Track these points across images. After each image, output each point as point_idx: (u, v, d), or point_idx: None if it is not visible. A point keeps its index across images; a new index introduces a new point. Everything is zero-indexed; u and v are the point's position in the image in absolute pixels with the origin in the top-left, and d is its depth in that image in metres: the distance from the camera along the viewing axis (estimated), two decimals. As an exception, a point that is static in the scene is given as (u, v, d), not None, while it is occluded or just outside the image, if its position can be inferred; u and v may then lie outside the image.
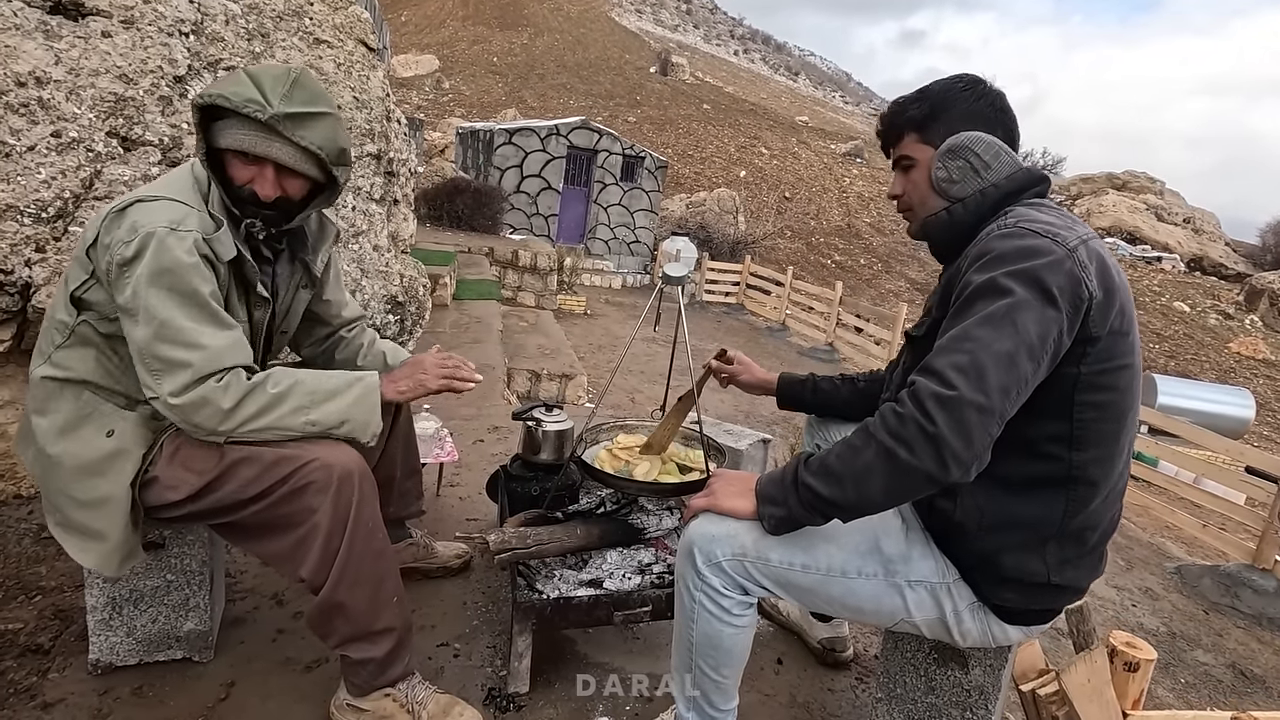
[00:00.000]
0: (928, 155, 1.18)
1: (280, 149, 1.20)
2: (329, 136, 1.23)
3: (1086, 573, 1.11)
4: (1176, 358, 16.01)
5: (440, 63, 31.75)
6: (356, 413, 1.26)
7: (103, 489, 1.22)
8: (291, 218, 1.30)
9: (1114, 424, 1.04)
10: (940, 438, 0.90)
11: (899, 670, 1.36)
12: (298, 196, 1.28)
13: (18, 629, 1.52)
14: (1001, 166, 1.12)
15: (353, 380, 1.28)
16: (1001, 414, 0.92)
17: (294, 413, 1.21)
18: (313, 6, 2.67)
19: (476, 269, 8.57)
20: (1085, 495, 1.05)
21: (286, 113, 1.17)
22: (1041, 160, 35.06)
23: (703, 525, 1.15)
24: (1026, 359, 0.93)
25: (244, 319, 1.30)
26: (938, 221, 1.18)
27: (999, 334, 0.93)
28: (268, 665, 1.50)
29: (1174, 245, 24.12)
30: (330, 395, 1.25)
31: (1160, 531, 5.80)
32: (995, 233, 1.04)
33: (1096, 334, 0.98)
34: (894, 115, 1.23)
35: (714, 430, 2.25)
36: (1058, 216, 1.05)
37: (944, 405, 0.91)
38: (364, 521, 1.23)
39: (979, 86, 1.18)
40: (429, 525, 2.12)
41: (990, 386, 0.91)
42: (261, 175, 1.22)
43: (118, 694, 1.37)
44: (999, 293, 0.95)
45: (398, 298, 2.87)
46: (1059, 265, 0.95)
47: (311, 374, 1.27)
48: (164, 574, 1.41)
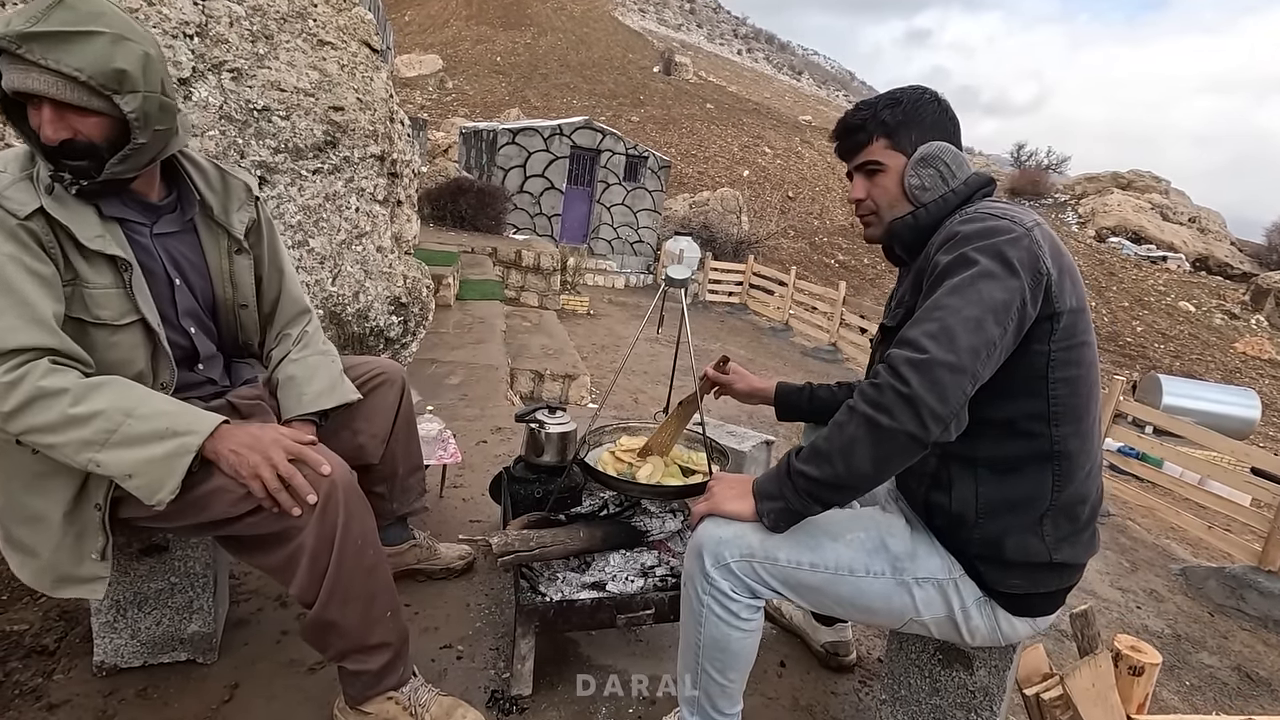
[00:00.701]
0: (898, 162, 1.22)
1: (39, 78, 1.02)
2: (94, 58, 1.03)
3: (1083, 549, 1.15)
4: (1182, 358, 15.95)
5: (444, 62, 31.78)
6: (150, 473, 1.05)
7: (34, 506, 1.14)
8: (103, 164, 1.10)
9: (1084, 399, 1.09)
10: (916, 397, 0.95)
11: (903, 672, 1.36)
12: (99, 138, 1.09)
13: (23, 630, 1.52)
14: (963, 173, 1.20)
15: (171, 432, 1.07)
16: (973, 373, 0.98)
17: (83, 447, 1.03)
18: (316, 8, 2.67)
19: (480, 269, 8.58)
20: (1069, 469, 1.10)
21: (27, 31, 0.99)
22: (1046, 159, 34.93)
23: (711, 528, 1.16)
24: (993, 323, 0.98)
25: (107, 283, 1.14)
26: (904, 225, 1.23)
27: (965, 300, 0.99)
28: (271, 666, 1.50)
29: (1179, 245, 24.02)
30: (131, 441, 1.04)
31: (1165, 533, 5.77)
32: (958, 219, 1.12)
33: (1060, 309, 1.04)
34: (864, 118, 1.25)
35: (717, 432, 2.25)
36: (1011, 208, 1.14)
37: (917, 368, 0.97)
38: (353, 539, 1.17)
39: (940, 98, 1.25)
40: (432, 526, 2.12)
41: (960, 347, 0.97)
42: (41, 116, 1.06)
43: (122, 695, 1.37)
44: (965, 264, 1.03)
45: (401, 299, 2.87)
46: (1019, 241, 1.03)
47: (132, 402, 1.07)
48: (168, 576, 1.42)
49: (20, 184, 1.07)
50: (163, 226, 1.27)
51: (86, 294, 1.13)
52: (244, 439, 1.12)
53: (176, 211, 1.29)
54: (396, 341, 2.91)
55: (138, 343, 1.19)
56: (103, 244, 1.13)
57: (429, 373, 4.21)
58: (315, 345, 1.48)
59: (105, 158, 1.10)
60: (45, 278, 1.07)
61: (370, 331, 2.77)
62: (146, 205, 1.25)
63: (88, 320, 1.13)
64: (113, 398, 1.06)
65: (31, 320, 1.03)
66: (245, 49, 2.38)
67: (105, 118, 1.09)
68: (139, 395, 1.10)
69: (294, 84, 2.49)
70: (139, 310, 1.18)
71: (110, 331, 1.16)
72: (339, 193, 2.64)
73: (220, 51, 2.30)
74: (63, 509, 1.13)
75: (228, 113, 2.32)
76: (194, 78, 2.21)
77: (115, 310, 1.16)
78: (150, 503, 1.06)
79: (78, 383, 1.05)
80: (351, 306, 2.68)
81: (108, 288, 1.15)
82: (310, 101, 2.53)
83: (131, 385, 1.12)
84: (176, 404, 1.14)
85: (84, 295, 1.13)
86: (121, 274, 1.16)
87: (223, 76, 2.31)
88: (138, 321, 1.18)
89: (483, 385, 4.15)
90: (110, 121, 1.10)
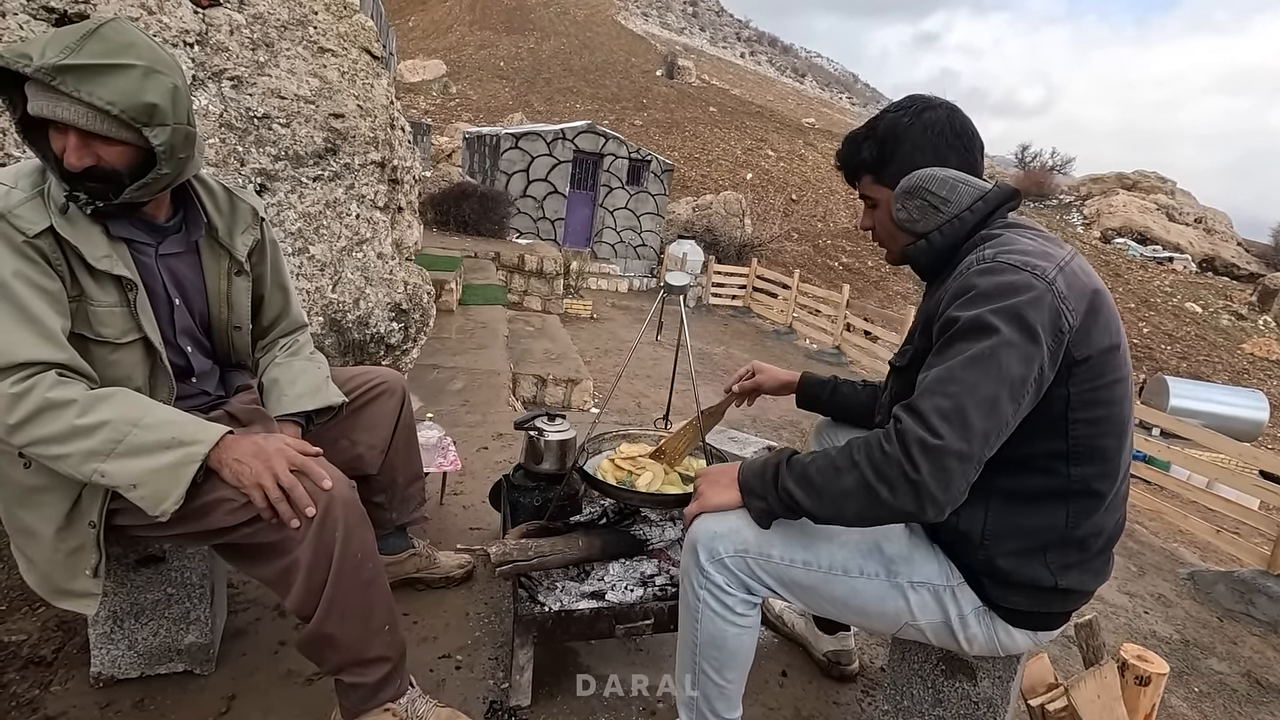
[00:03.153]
0: (886, 195, 1.20)
1: (69, 108, 1.03)
2: (126, 91, 1.04)
3: (1092, 577, 1.11)
4: (1188, 359, 15.87)
5: (447, 67, 31.91)
6: (155, 483, 1.05)
7: (26, 520, 1.15)
8: (122, 189, 1.12)
9: (1113, 438, 1.05)
10: (922, 484, 0.94)
11: (906, 682, 1.34)
12: (122, 165, 1.11)
13: (20, 641, 1.52)
14: (960, 198, 1.11)
15: (177, 442, 1.07)
16: (980, 459, 0.96)
17: (87, 457, 1.03)
18: (317, 15, 2.68)
19: (483, 274, 8.59)
20: (1088, 506, 1.06)
21: (62, 64, 1.00)
22: (1050, 160, 34.86)
23: (706, 523, 1.17)
24: (1009, 401, 0.95)
25: (112, 301, 1.15)
26: (917, 250, 1.18)
27: (984, 376, 0.94)
28: (269, 678, 1.49)
29: (1185, 245, 23.92)
30: (136, 451, 1.04)
31: (1172, 537, 5.73)
32: (975, 267, 1.03)
33: (1080, 356, 0.99)
34: (848, 158, 1.24)
35: (718, 437, 2.24)
36: (1035, 239, 1.06)
37: (928, 453, 0.93)
38: (351, 553, 1.16)
39: (924, 116, 1.16)
40: (432, 534, 2.11)
41: (973, 433, 0.93)
42: (66, 141, 1.07)
43: (119, 707, 1.37)
44: (982, 331, 0.96)
45: (401, 305, 2.87)
46: (1040, 301, 0.96)
47: (137, 413, 1.07)
48: (164, 587, 1.41)
49: (32, 202, 1.08)
50: (167, 247, 1.28)
51: (91, 311, 1.14)
52: (248, 448, 1.11)
53: (181, 232, 1.31)
54: (397, 348, 2.90)
55: (138, 360, 1.20)
56: (110, 264, 1.14)
57: (430, 379, 4.21)
58: (303, 353, 1.50)
59: (125, 184, 1.12)
60: (52, 294, 1.08)
61: (371, 338, 2.76)
62: (153, 226, 1.26)
63: (90, 337, 1.14)
64: (119, 408, 1.06)
65: (39, 335, 1.04)
66: (245, 57, 2.38)
67: (130, 147, 1.11)
68: (144, 405, 1.10)
69: (294, 91, 2.50)
70: (141, 329, 1.19)
71: (111, 349, 1.17)
72: (339, 200, 2.64)
73: (221, 59, 2.30)
74: (55, 525, 1.13)
75: (228, 120, 2.32)
76: (194, 86, 2.22)
77: (118, 328, 1.17)
78: (154, 513, 1.06)
79: (84, 394, 1.06)
80: (352, 313, 2.68)
81: (112, 306, 1.16)
82: (310, 109, 2.53)
83: (137, 396, 1.12)
84: (182, 414, 1.14)
85: (88, 312, 1.14)
86: (126, 293, 1.18)
87: (223, 84, 2.32)
88: (139, 340, 1.20)
89: (485, 391, 4.14)
90: (134, 151, 1.12)
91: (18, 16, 1.88)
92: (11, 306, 1.03)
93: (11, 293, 1.03)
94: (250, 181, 2.38)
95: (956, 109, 1.18)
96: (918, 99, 1.19)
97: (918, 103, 1.18)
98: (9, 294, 1.03)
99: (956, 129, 1.16)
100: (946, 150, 1.15)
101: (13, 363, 1.02)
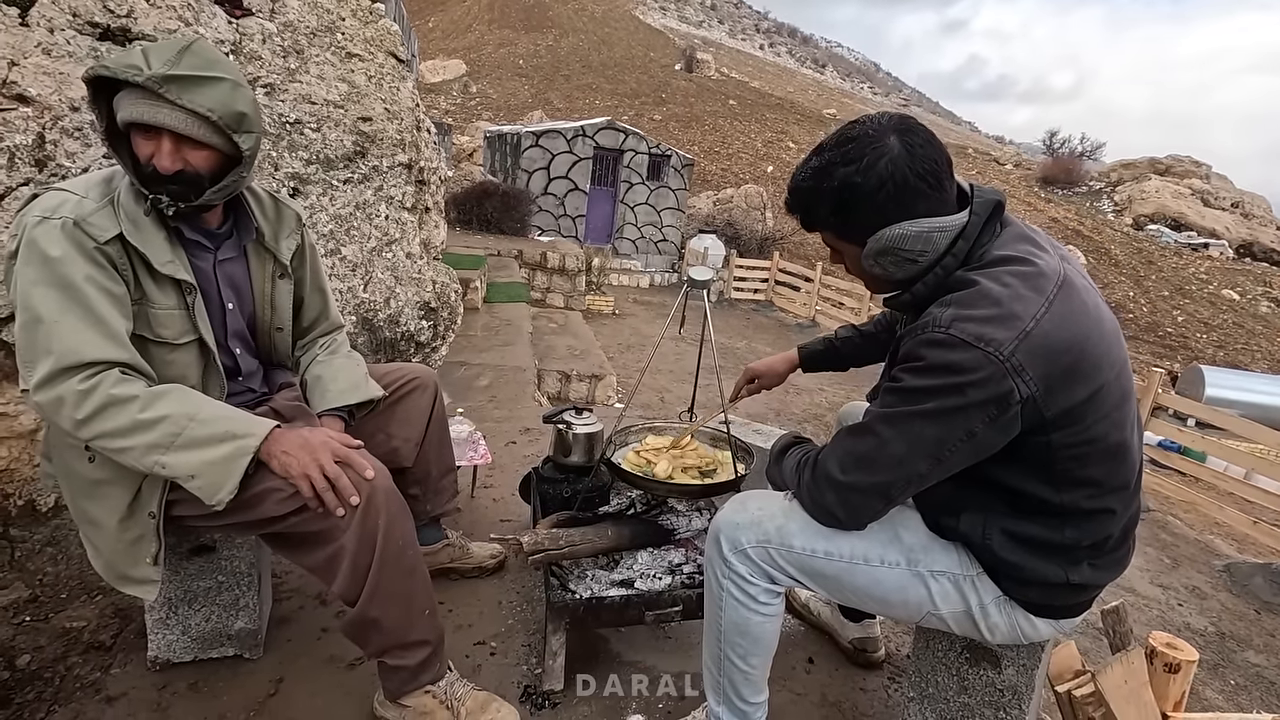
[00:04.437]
0: (852, 249, 1.11)
1: (170, 114, 1.12)
2: (222, 100, 1.15)
3: (1106, 571, 1.12)
4: (1225, 348, 15.45)
5: (467, 67, 32.14)
6: (211, 474, 1.11)
7: (91, 511, 1.22)
8: (203, 192, 1.21)
9: (1101, 466, 1.04)
10: (830, 511, 1.12)
11: (931, 670, 1.36)
12: (205, 170, 1.20)
13: (80, 627, 1.60)
14: (937, 244, 1.04)
15: (230, 435, 1.14)
16: (888, 495, 1.08)
17: (149, 450, 1.10)
18: (344, 22, 2.74)
19: (506, 272, 8.67)
20: (1086, 524, 1.07)
21: (168, 74, 1.10)
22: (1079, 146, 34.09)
23: (728, 514, 1.20)
24: (921, 458, 1.02)
25: (171, 304, 1.23)
26: (901, 304, 1.15)
27: (897, 434, 1.02)
28: (313, 662, 1.56)
29: (1221, 231, 23.24)
30: (194, 444, 1.11)
31: (1208, 528, 5.62)
32: (930, 332, 0.99)
33: (1052, 414, 0.97)
34: (802, 213, 1.14)
35: (743, 430, 2.26)
36: (1013, 280, 0.99)
37: (835, 489, 1.10)
38: (394, 540, 1.22)
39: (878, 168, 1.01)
40: (464, 526, 2.17)
41: (877, 480, 1.06)
42: (160, 147, 1.15)
43: (175, 689, 1.44)
44: (911, 397, 1.01)
45: (430, 304, 2.93)
46: (984, 382, 0.94)
47: (194, 408, 1.14)
48: (215, 575, 1.48)
49: (103, 210, 1.16)
50: (223, 252, 1.37)
51: (151, 314, 1.22)
52: (296, 441, 1.18)
53: (233, 238, 1.39)
54: (427, 345, 2.97)
55: (192, 360, 1.28)
56: (172, 269, 1.22)
57: (458, 375, 4.28)
58: (341, 352, 1.58)
59: (205, 187, 1.21)
60: (118, 297, 1.16)
61: (401, 336, 2.83)
62: (209, 233, 1.34)
63: (150, 338, 1.22)
64: (177, 404, 1.14)
65: (105, 336, 1.12)
66: (277, 64, 2.45)
67: (215, 152, 1.20)
68: (200, 401, 1.18)
69: (324, 96, 2.56)
70: (197, 330, 1.27)
71: (169, 349, 1.25)
72: (369, 201, 2.70)
73: (254, 68, 2.37)
74: (118, 516, 1.21)
75: (262, 127, 2.39)
76: (230, 94, 2.29)
77: (176, 330, 1.25)
78: (210, 502, 1.12)
79: (145, 391, 1.13)
80: (383, 312, 2.75)
81: (171, 309, 1.24)
82: (340, 113, 2.60)
83: (192, 393, 1.20)
84: (233, 410, 1.21)
85: (149, 315, 1.22)
86: (185, 297, 1.26)
87: (257, 92, 2.39)
88: (195, 341, 1.28)
89: (511, 387, 4.21)
90: (218, 156, 1.21)
91: (65, 32, 1.96)
92: (81, 308, 1.11)
93: (82, 295, 1.11)
94: (284, 185, 2.45)
95: (910, 134, 1.03)
96: (864, 141, 1.03)
97: (867, 150, 1.02)
98: (80, 297, 1.11)
99: (917, 171, 1.01)
100: (911, 200, 1.02)
101: (81, 361, 1.09)
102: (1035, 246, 1.06)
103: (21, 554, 1.80)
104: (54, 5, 1.98)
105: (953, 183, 1.08)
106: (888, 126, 1.04)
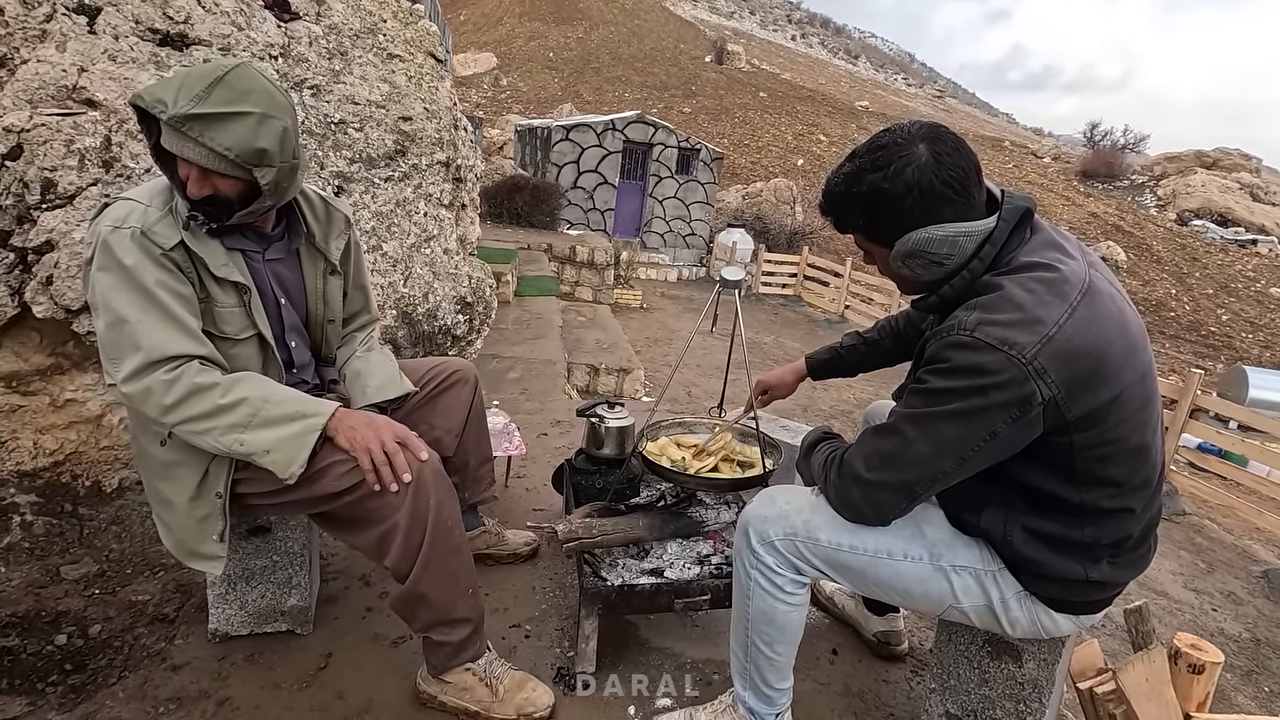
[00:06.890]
0: (882, 251, 1.15)
1: (193, 150, 1.18)
2: (242, 138, 1.18)
3: (1126, 570, 1.15)
4: (1273, 348, 14.94)
5: (498, 60, 32.32)
6: (284, 449, 1.22)
7: (164, 492, 1.32)
8: (233, 213, 1.28)
9: (1123, 466, 1.06)
10: (856, 508, 1.17)
11: (952, 662, 1.39)
12: (233, 194, 1.26)
13: (145, 600, 1.72)
14: (964, 249, 1.08)
15: (300, 414, 1.25)
16: (912, 493, 1.11)
17: (229, 430, 1.20)
18: (386, 23, 2.83)
19: (536, 265, 8.77)
20: (1107, 523, 1.10)
21: (190, 114, 1.15)
22: (1122, 138, 33.11)
23: (756, 507, 1.26)
24: (944, 458, 1.06)
25: (232, 303, 1.33)
26: (928, 306, 1.19)
27: (922, 434, 1.06)
28: (359, 640, 1.65)
29: (1271, 227, 22.41)
30: (269, 422, 1.22)
31: (1247, 534, 5.49)
32: (955, 334, 1.02)
33: (1075, 416, 1.00)
34: (834, 216, 1.18)
35: (771, 426, 2.30)
36: (1038, 287, 1.02)
37: (861, 486, 1.14)
38: (443, 520, 1.31)
39: (905, 175, 1.04)
40: (499, 515, 2.25)
41: (902, 478, 1.10)
42: (190, 173, 1.22)
43: (233, 659, 1.54)
44: (936, 398, 1.04)
45: (466, 298, 3.02)
46: (1007, 384, 0.98)
47: (267, 391, 1.26)
48: (270, 555, 1.58)
49: (165, 219, 1.25)
50: (272, 253, 1.46)
51: (215, 312, 1.32)
52: (359, 420, 1.30)
53: (284, 240, 1.48)
54: (463, 339, 3.05)
55: (253, 353, 1.38)
56: (228, 272, 1.32)
57: (491, 368, 4.38)
58: (375, 347, 1.68)
59: (236, 209, 1.29)
60: (186, 298, 1.26)
61: (439, 330, 2.92)
62: (261, 235, 1.43)
63: (215, 333, 1.32)
64: (252, 388, 1.25)
65: (183, 332, 1.23)
66: (323, 66, 2.55)
67: (241, 181, 1.26)
68: (271, 386, 1.29)
69: (366, 97, 2.65)
70: (256, 326, 1.37)
71: (232, 344, 1.35)
72: (408, 199, 2.79)
73: (301, 70, 2.47)
74: (187, 495, 1.31)
75: (308, 127, 2.49)
76: (280, 96, 2.38)
77: (237, 326, 1.35)
78: (284, 476, 1.23)
79: (224, 378, 1.24)
80: (421, 307, 2.84)
81: (232, 307, 1.34)
82: (381, 113, 2.68)
83: (263, 378, 1.31)
84: (300, 393, 1.33)
85: (213, 313, 1.32)
86: (242, 296, 1.35)
87: (304, 93, 2.49)
88: (254, 336, 1.38)
89: (541, 380, 4.29)
90: (246, 185, 1.27)
91: (128, 39, 2.07)
92: (158, 309, 1.21)
93: (157, 299, 1.21)
94: (329, 184, 2.55)
95: (939, 143, 1.06)
96: (893, 149, 1.06)
97: (895, 157, 1.05)
98: (155, 300, 1.21)
99: (944, 178, 1.04)
100: (938, 206, 1.06)
101: (164, 355, 1.20)
102: (1062, 253, 1.08)
103: (89, 531, 1.92)
104: (118, 13, 2.09)
105: (981, 189, 1.10)
106: (917, 135, 1.07)
